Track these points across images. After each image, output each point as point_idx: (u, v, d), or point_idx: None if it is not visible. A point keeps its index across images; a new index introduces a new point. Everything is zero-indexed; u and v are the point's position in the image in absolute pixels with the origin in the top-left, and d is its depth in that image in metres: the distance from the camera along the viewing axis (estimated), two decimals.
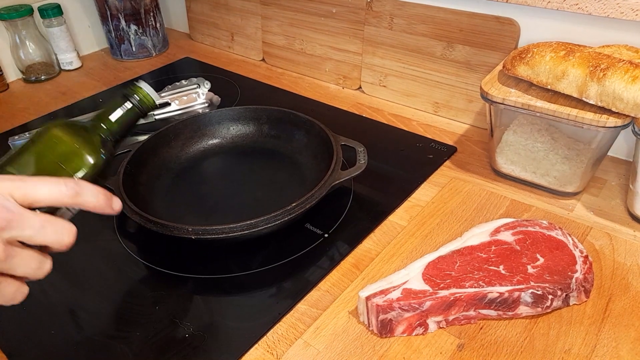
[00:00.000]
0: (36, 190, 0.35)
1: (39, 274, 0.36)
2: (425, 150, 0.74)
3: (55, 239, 0.36)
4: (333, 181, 0.58)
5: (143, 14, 1.08)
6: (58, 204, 0.36)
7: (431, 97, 0.82)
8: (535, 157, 0.63)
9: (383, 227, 0.60)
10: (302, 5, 0.92)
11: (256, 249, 0.58)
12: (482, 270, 0.49)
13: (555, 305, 0.48)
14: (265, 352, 0.47)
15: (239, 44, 1.09)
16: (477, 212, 0.61)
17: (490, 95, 0.60)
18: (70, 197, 0.36)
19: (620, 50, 0.58)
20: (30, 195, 0.35)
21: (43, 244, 0.36)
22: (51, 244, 0.36)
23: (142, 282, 0.56)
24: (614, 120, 0.53)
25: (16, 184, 0.35)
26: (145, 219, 0.54)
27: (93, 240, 0.61)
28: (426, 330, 0.47)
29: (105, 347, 0.48)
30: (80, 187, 0.37)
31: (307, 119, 0.70)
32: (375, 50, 0.86)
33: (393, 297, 0.46)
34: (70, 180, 0.37)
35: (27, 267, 0.35)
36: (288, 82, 0.97)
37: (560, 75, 0.56)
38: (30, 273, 0.36)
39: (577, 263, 0.49)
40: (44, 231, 0.35)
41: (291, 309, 0.51)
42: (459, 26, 0.75)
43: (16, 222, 0.33)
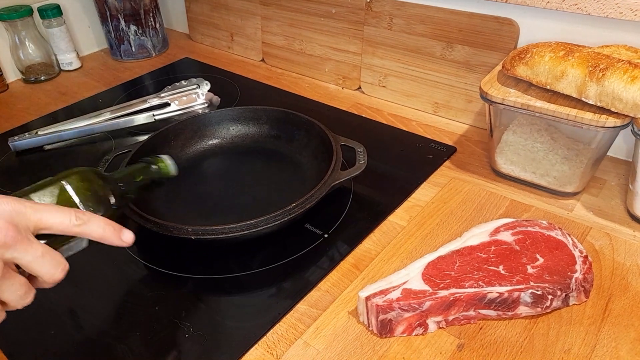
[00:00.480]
0: (49, 216, 0.37)
1: (20, 304, 0.37)
2: (425, 150, 0.74)
3: (48, 270, 0.37)
4: (333, 181, 0.58)
5: (143, 15, 1.08)
6: (66, 232, 0.38)
7: (431, 97, 0.82)
8: (535, 157, 0.63)
9: (383, 227, 0.60)
10: (302, 6, 0.93)
11: (256, 249, 0.58)
12: (481, 270, 0.49)
13: (555, 305, 0.48)
14: (265, 352, 0.47)
15: (239, 45, 1.09)
16: (477, 212, 0.61)
17: (489, 96, 0.60)
18: (77, 226, 0.38)
19: (620, 50, 0.58)
20: (44, 220, 0.37)
21: (37, 273, 0.37)
22: (43, 275, 0.37)
23: (142, 282, 0.56)
24: (613, 121, 0.53)
25: (34, 207, 0.37)
26: (145, 219, 0.54)
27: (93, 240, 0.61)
28: (426, 331, 0.47)
29: (105, 347, 0.48)
30: (89, 217, 0.39)
31: (307, 119, 0.70)
32: (375, 51, 0.86)
33: (393, 297, 0.46)
34: (80, 211, 0.39)
35: (13, 294, 0.36)
36: (288, 83, 0.97)
37: (560, 76, 0.56)
38: (13, 300, 0.37)
39: (576, 263, 0.49)
40: (42, 260, 0.36)
41: (291, 309, 0.51)
42: (459, 26, 0.75)
43: (21, 244, 0.35)
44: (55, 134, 0.80)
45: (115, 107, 0.85)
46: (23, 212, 0.36)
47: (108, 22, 1.07)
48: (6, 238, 0.34)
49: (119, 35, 1.08)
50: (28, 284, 0.37)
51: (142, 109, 0.84)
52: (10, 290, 0.36)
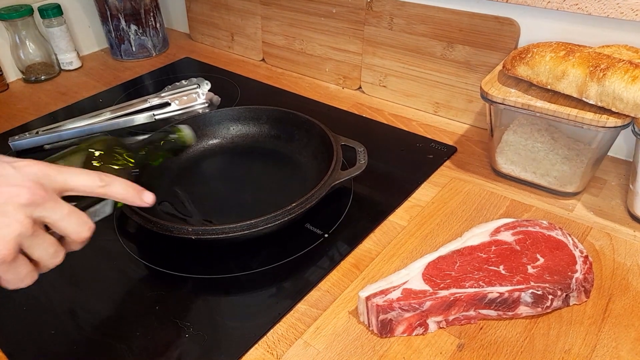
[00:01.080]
0: (74, 178, 0.39)
1: (52, 263, 0.39)
2: (425, 150, 0.74)
3: (75, 229, 0.39)
4: (333, 181, 0.58)
5: (143, 14, 1.08)
6: (91, 193, 0.40)
7: (431, 97, 0.82)
8: (535, 157, 0.63)
9: (383, 227, 0.60)
10: (302, 6, 0.92)
11: (256, 249, 0.58)
12: (482, 270, 0.49)
13: (555, 305, 0.48)
14: (265, 352, 0.47)
15: (239, 44, 1.09)
16: (477, 212, 0.61)
17: (490, 96, 0.60)
18: (101, 187, 0.40)
19: (620, 50, 0.58)
20: (69, 181, 0.39)
21: (65, 231, 0.39)
22: (71, 233, 0.39)
23: (142, 282, 0.56)
24: (614, 121, 0.53)
25: (59, 169, 0.39)
26: (145, 219, 0.54)
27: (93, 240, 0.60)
28: (426, 330, 0.47)
29: (105, 347, 0.48)
30: (111, 180, 0.41)
31: (307, 119, 0.70)
32: (375, 51, 0.86)
33: (393, 297, 0.46)
34: (103, 174, 0.41)
35: (44, 252, 0.38)
36: (288, 82, 0.97)
37: (560, 76, 0.56)
38: (45, 258, 0.38)
39: (577, 263, 0.49)
40: (69, 219, 0.38)
41: (291, 309, 0.51)
42: (459, 26, 0.75)
43: (49, 203, 0.37)
44: (55, 133, 0.80)
45: (116, 107, 0.85)
46: (49, 174, 0.38)
47: (108, 22, 1.07)
48: (34, 196, 0.36)
49: (119, 35, 1.08)
50: (57, 243, 0.39)
51: (142, 108, 0.84)
52: (41, 248, 0.38)
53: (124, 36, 1.09)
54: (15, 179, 0.36)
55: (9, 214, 0.35)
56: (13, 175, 0.36)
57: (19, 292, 0.53)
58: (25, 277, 0.38)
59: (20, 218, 0.35)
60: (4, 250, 0.35)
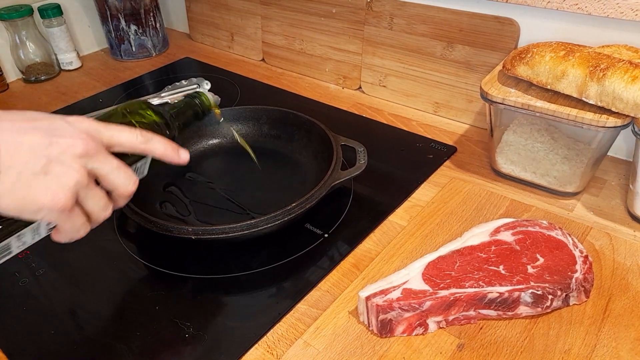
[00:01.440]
0: (119, 134, 0.41)
1: (102, 216, 0.41)
2: (425, 150, 0.74)
3: (123, 182, 0.41)
4: (333, 181, 0.58)
5: (143, 14, 1.08)
6: (133, 149, 0.42)
7: (431, 97, 0.82)
8: (535, 157, 0.63)
9: (383, 227, 0.60)
10: (302, 6, 0.92)
11: (256, 249, 0.58)
12: (482, 270, 0.49)
13: (555, 305, 0.48)
14: (265, 352, 0.47)
15: (239, 44, 1.09)
16: (477, 212, 0.61)
17: (490, 95, 0.60)
18: (143, 143, 0.43)
19: (620, 50, 0.58)
20: (115, 137, 0.41)
21: (113, 184, 0.40)
22: (119, 187, 0.41)
23: (142, 282, 0.56)
24: (614, 120, 0.53)
25: (106, 126, 0.41)
26: (145, 219, 0.54)
27: (93, 241, 0.61)
28: (426, 330, 0.47)
29: (105, 347, 0.48)
30: (151, 136, 0.43)
31: (307, 119, 0.70)
32: (375, 50, 0.86)
33: (393, 297, 0.46)
34: (144, 131, 0.43)
35: (96, 204, 0.40)
36: (288, 82, 0.97)
37: (560, 75, 0.56)
38: (96, 211, 0.40)
39: (577, 263, 0.49)
40: (117, 172, 0.40)
41: (291, 309, 0.51)
42: (459, 26, 0.75)
43: (101, 155, 0.39)
44: None
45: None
46: (98, 129, 0.40)
47: (108, 22, 1.07)
48: (88, 148, 0.38)
49: (119, 35, 1.08)
50: (107, 197, 0.41)
51: None
52: (94, 200, 0.39)
53: (123, 36, 1.09)
54: (70, 131, 0.38)
55: (66, 163, 0.37)
56: (67, 128, 0.38)
57: (19, 292, 0.54)
58: (80, 228, 0.40)
59: (77, 167, 0.37)
60: (63, 199, 0.36)
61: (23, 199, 0.35)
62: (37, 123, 0.37)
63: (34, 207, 0.36)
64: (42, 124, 0.37)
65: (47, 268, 0.57)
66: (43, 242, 0.60)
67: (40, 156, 0.36)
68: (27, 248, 0.60)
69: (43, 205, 0.36)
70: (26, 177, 0.35)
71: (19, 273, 0.56)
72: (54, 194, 0.36)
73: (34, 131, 0.36)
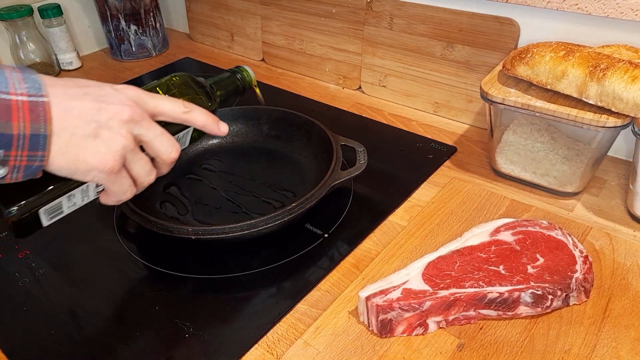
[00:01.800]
0: (163, 103, 0.43)
1: (147, 180, 0.43)
2: (425, 150, 0.74)
3: (166, 149, 0.43)
4: (333, 181, 0.58)
5: (143, 14, 1.08)
6: (175, 119, 0.44)
7: (431, 97, 0.82)
8: (535, 157, 0.63)
9: (383, 227, 0.60)
10: (302, 6, 0.92)
11: (256, 249, 0.58)
12: (482, 270, 0.49)
13: (555, 305, 0.48)
14: (265, 352, 0.47)
15: (239, 44, 1.09)
16: (477, 212, 0.61)
17: (490, 95, 0.60)
18: (186, 113, 0.44)
19: (620, 50, 0.58)
20: (159, 106, 0.43)
21: (157, 151, 0.42)
22: (162, 153, 0.43)
23: (142, 282, 0.56)
24: (614, 121, 0.53)
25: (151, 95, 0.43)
26: (145, 219, 0.54)
27: (93, 241, 0.61)
28: (426, 330, 0.47)
29: (105, 347, 0.48)
30: (193, 107, 0.45)
31: (307, 119, 0.70)
32: (375, 51, 0.86)
33: (393, 297, 0.46)
34: (186, 102, 0.45)
35: (141, 168, 0.42)
36: (288, 82, 0.97)
37: (560, 75, 0.56)
38: (142, 175, 0.42)
39: (577, 263, 0.49)
40: (161, 139, 0.42)
41: (291, 309, 0.51)
42: (459, 26, 0.75)
43: (146, 122, 0.41)
44: None
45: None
46: (144, 98, 0.42)
47: (108, 22, 1.07)
48: (135, 114, 0.40)
49: (119, 35, 1.08)
50: (151, 162, 0.43)
51: None
52: (139, 165, 0.41)
53: (123, 36, 1.09)
54: (118, 98, 0.40)
55: (114, 128, 0.39)
56: (116, 95, 0.40)
57: (19, 292, 0.54)
58: (127, 190, 0.42)
59: (124, 133, 0.39)
60: (111, 161, 0.38)
61: (75, 160, 0.37)
62: (88, 89, 0.39)
63: (85, 168, 0.38)
64: (92, 91, 0.39)
65: (47, 268, 0.57)
66: (43, 242, 0.60)
67: (90, 121, 0.38)
68: (26, 248, 0.60)
69: (93, 166, 0.38)
70: (78, 140, 0.37)
71: (19, 273, 0.56)
72: (103, 157, 0.38)
73: (84, 97, 0.38)
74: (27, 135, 0.35)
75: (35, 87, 0.36)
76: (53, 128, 0.36)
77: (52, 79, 0.38)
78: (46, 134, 0.36)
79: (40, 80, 0.37)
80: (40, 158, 0.36)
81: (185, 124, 0.46)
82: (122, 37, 1.09)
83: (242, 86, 0.58)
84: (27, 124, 0.35)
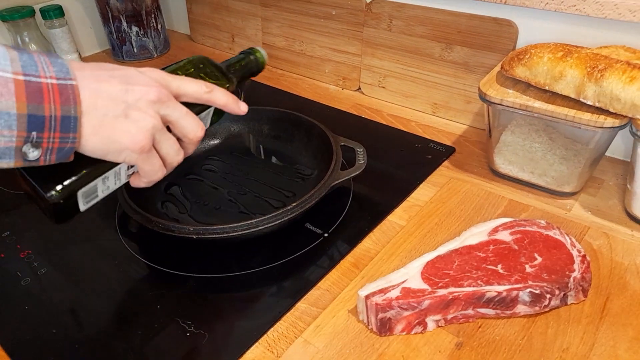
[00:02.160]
0: (186, 84, 0.44)
1: (175, 160, 0.44)
2: (424, 150, 0.74)
3: (192, 129, 0.44)
4: (333, 181, 0.59)
5: (144, 16, 1.08)
6: (198, 99, 0.45)
7: (430, 98, 0.83)
8: (533, 157, 0.63)
9: (382, 227, 0.61)
10: (302, 7, 0.93)
11: (257, 248, 0.58)
12: (480, 269, 0.49)
13: (553, 304, 0.48)
14: (266, 351, 0.47)
15: (240, 46, 1.09)
16: (476, 211, 0.62)
17: (488, 96, 0.60)
18: (207, 94, 0.45)
19: (618, 51, 0.58)
20: (182, 87, 0.44)
21: (183, 130, 0.43)
22: (188, 133, 0.43)
23: (143, 282, 0.56)
24: (612, 121, 0.54)
25: (174, 76, 0.44)
26: (146, 219, 0.54)
27: (94, 240, 0.61)
28: (425, 329, 0.48)
29: (106, 346, 0.48)
30: (214, 88, 0.46)
31: (307, 120, 0.70)
32: (375, 52, 0.86)
33: (392, 296, 0.47)
34: (207, 82, 0.46)
35: (170, 147, 0.43)
36: (288, 83, 0.97)
37: (558, 76, 0.56)
38: (171, 154, 0.43)
39: (574, 262, 0.49)
40: (187, 118, 0.43)
41: (291, 308, 0.51)
42: (458, 28, 0.75)
43: (172, 102, 0.42)
44: None
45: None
46: (167, 79, 0.43)
47: (110, 23, 1.08)
48: (161, 95, 0.41)
49: (120, 36, 1.09)
50: (178, 143, 0.44)
51: None
52: (168, 144, 0.42)
53: (125, 37, 1.09)
54: (144, 80, 0.40)
55: (142, 109, 0.39)
56: (141, 77, 0.41)
57: (21, 292, 0.54)
58: (158, 170, 0.43)
59: (152, 113, 0.40)
60: (143, 140, 0.39)
61: (107, 140, 0.38)
62: (114, 72, 0.40)
63: (117, 147, 0.39)
64: (118, 73, 0.40)
65: (48, 268, 0.57)
66: (45, 242, 0.60)
67: (119, 101, 0.38)
68: (28, 248, 0.60)
69: (125, 145, 0.39)
70: (109, 120, 0.38)
71: (21, 273, 0.56)
72: (134, 136, 0.39)
73: (111, 79, 0.39)
74: (59, 117, 0.35)
75: (64, 70, 0.36)
76: (83, 110, 0.37)
77: (80, 63, 0.39)
78: (76, 115, 0.36)
79: (68, 64, 0.37)
80: (72, 140, 0.37)
81: (207, 104, 0.47)
82: (123, 38, 1.09)
83: (257, 67, 0.60)
84: (58, 106, 0.35)
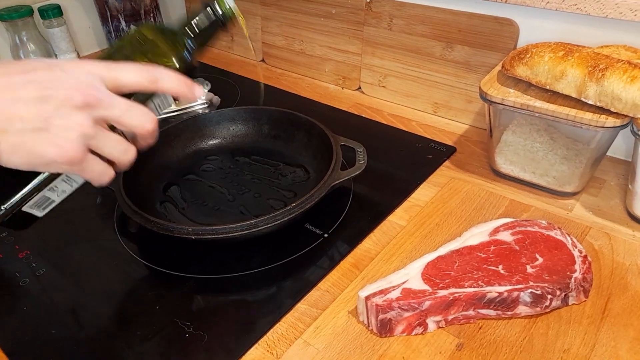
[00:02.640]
0: (124, 74, 0.39)
1: (125, 159, 0.40)
2: (425, 150, 0.74)
3: (139, 122, 0.39)
4: (333, 181, 0.58)
5: (143, 15, 1.08)
6: (143, 88, 0.40)
7: (430, 97, 0.83)
8: (534, 157, 0.63)
9: (382, 227, 0.61)
10: (302, 6, 0.93)
11: (256, 248, 0.58)
12: (481, 270, 0.49)
13: (554, 305, 0.48)
14: (265, 352, 0.47)
15: (239, 45, 1.09)
16: (476, 212, 0.62)
17: (489, 96, 0.60)
18: (152, 82, 0.39)
19: (619, 50, 0.58)
20: (119, 78, 0.38)
21: (128, 126, 0.39)
22: (135, 127, 0.39)
23: (142, 282, 0.56)
24: (613, 121, 0.53)
25: (108, 67, 0.38)
26: (145, 219, 0.54)
27: (94, 240, 0.61)
28: (425, 330, 0.47)
29: (106, 347, 0.48)
30: (160, 74, 0.40)
31: (307, 120, 0.70)
32: (375, 51, 0.86)
33: (392, 296, 0.47)
34: (152, 67, 0.40)
35: (114, 149, 0.39)
36: (288, 83, 0.97)
37: (559, 76, 0.56)
38: (116, 155, 0.39)
39: (576, 263, 0.49)
40: (129, 114, 0.38)
41: (291, 309, 0.51)
42: (458, 27, 0.75)
43: (105, 101, 0.37)
44: None
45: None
46: (98, 73, 0.38)
47: (108, 23, 1.07)
48: (87, 98, 0.36)
49: (119, 36, 1.09)
50: (124, 140, 0.39)
51: None
52: (109, 146, 0.38)
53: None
54: (67, 83, 0.36)
55: (65, 117, 0.35)
56: (64, 79, 0.36)
57: (20, 292, 0.54)
58: (103, 173, 0.39)
59: (79, 120, 0.36)
60: (70, 151, 0.36)
61: (30, 155, 0.35)
62: (33, 75, 0.36)
63: (42, 162, 0.36)
64: (38, 76, 0.36)
65: (47, 268, 0.57)
66: (43, 242, 0.60)
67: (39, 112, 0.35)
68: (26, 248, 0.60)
69: (52, 159, 0.36)
70: (29, 134, 0.35)
71: (20, 273, 0.56)
72: (61, 148, 0.35)
73: (28, 86, 0.35)
74: None
75: None
76: None
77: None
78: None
79: None
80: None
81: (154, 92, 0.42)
82: None
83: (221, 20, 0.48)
84: None
